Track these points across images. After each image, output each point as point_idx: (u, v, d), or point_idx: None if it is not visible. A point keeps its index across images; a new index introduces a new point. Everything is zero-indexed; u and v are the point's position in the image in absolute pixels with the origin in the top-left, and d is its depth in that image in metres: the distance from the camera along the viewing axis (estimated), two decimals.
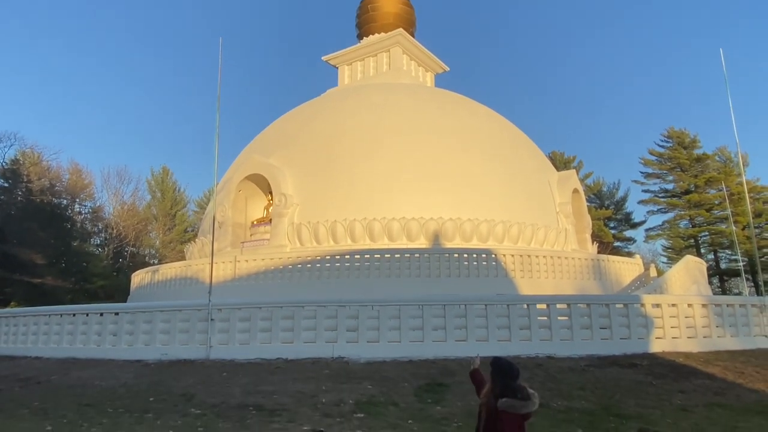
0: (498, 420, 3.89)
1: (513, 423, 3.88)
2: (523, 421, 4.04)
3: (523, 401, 3.90)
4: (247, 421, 8.53)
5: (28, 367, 13.53)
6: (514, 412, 3.90)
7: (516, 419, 3.89)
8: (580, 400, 9.59)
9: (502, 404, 3.86)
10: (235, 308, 13.78)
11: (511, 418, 3.90)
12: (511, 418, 3.89)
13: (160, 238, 63.60)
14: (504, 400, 3.88)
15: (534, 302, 13.62)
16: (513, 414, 3.87)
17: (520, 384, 4.09)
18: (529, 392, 4.01)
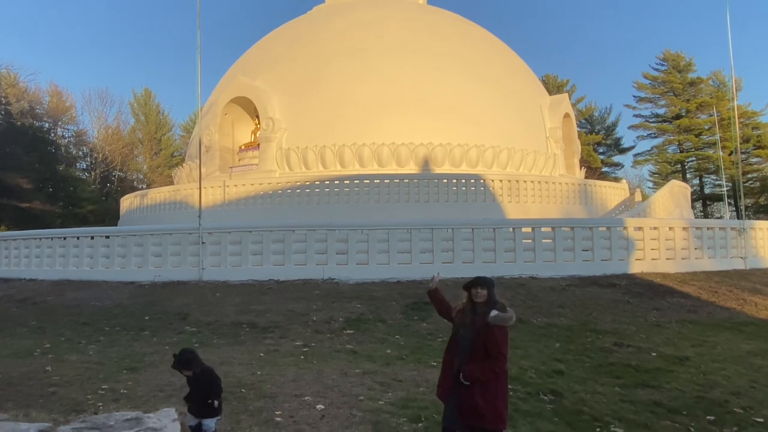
0: (489, 334, 3.82)
1: (505, 336, 3.90)
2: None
3: (509, 314, 3.98)
4: (241, 338, 8.90)
5: (22, 289, 13.79)
6: (504, 325, 3.93)
7: (506, 332, 3.95)
8: (559, 317, 10.06)
9: (493, 319, 3.83)
10: (225, 232, 13.93)
11: (502, 331, 3.90)
12: (503, 332, 3.90)
13: (147, 162, 62.90)
14: (494, 315, 3.84)
15: (519, 226, 13.89)
16: (503, 327, 3.93)
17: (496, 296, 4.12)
18: (504, 304, 4.08)
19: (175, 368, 4.35)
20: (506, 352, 3.89)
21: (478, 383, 3.85)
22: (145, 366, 7.12)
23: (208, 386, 4.24)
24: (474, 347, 3.91)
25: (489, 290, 3.96)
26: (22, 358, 7.59)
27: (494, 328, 3.82)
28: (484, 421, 3.87)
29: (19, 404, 5.48)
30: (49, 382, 6.32)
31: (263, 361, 7.38)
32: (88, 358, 7.57)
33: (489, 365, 3.82)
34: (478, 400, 3.85)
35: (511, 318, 3.92)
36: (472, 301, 3.99)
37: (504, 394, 3.98)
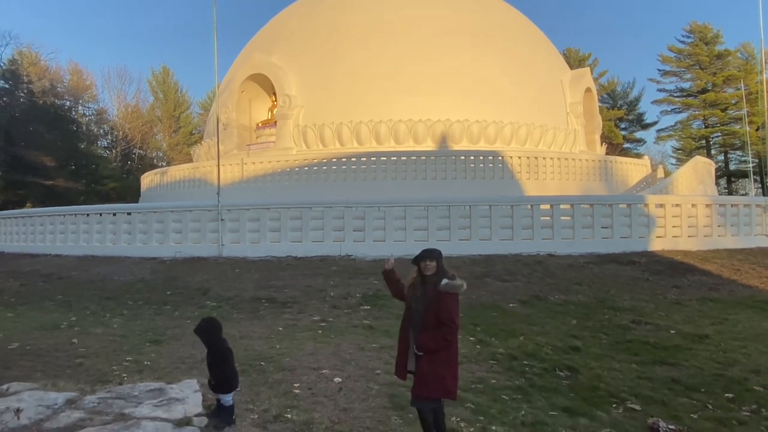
0: (441, 302, 3.78)
1: (455, 303, 3.85)
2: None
3: (459, 282, 3.91)
4: (260, 312, 9.05)
5: (48, 264, 14.16)
6: (455, 293, 3.88)
7: (456, 299, 3.90)
8: (576, 294, 10.01)
9: (445, 287, 3.79)
10: (243, 209, 14.07)
11: (453, 299, 3.86)
12: (453, 299, 3.86)
13: (167, 140, 63.50)
14: (445, 283, 3.80)
15: (538, 203, 13.77)
16: (453, 294, 3.89)
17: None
18: (454, 274, 4.01)
19: (195, 333, 4.45)
20: (457, 320, 3.86)
21: (427, 353, 3.84)
22: (168, 339, 7.30)
23: (215, 363, 4.31)
24: (426, 318, 3.90)
25: (438, 261, 3.95)
26: (49, 330, 7.83)
27: (445, 296, 3.81)
28: (428, 389, 3.88)
29: (47, 374, 5.67)
30: (76, 353, 6.52)
31: (282, 335, 7.51)
32: (112, 331, 7.78)
33: (441, 333, 3.79)
34: (425, 367, 3.86)
35: (461, 286, 3.90)
36: (422, 274, 3.97)
37: (452, 363, 3.93)
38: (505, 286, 10.49)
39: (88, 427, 4.01)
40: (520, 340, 7.23)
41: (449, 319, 3.78)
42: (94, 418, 4.23)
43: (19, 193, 43.09)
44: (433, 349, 3.83)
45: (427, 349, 3.85)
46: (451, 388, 3.94)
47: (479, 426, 4.58)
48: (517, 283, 10.66)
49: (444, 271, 3.93)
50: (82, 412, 4.38)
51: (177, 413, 4.33)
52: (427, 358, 3.85)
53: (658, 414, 4.93)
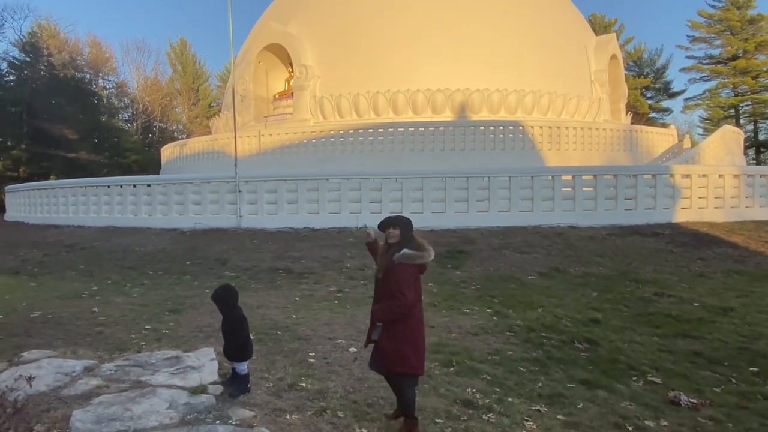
0: (393, 272, 3.66)
1: (407, 274, 3.67)
2: (419, 273, 3.84)
3: (419, 252, 3.72)
4: (277, 282, 9.08)
5: (71, 235, 14.40)
6: (410, 263, 3.70)
7: (411, 270, 3.71)
8: (597, 267, 9.83)
9: (399, 257, 3.64)
10: (261, 180, 14.05)
11: (406, 269, 3.68)
12: (406, 269, 3.68)
13: (186, 113, 63.75)
14: (400, 253, 3.65)
15: (559, 174, 13.47)
16: (408, 265, 3.70)
17: (413, 235, 3.83)
18: (422, 243, 3.85)
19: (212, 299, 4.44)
20: (408, 292, 3.64)
21: (386, 326, 3.72)
22: (186, 308, 7.36)
23: (230, 331, 4.29)
24: (381, 289, 3.82)
25: (402, 229, 3.78)
26: (70, 299, 7.97)
27: (398, 266, 3.67)
28: (388, 364, 3.77)
29: (67, 342, 5.76)
30: (96, 322, 6.61)
31: (298, 305, 7.52)
32: (132, 300, 7.88)
33: (389, 305, 3.67)
34: (383, 342, 3.74)
35: (420, 256, 3.72)
36: (387, 242, 3.84)
37: (412, 338, 3.76)
38: (523, 258, 10.34)
39: (105, 395, 4.05)
40: (538, 312, 7.13)
41: (398, 291, 3.64)
42: (110, 386, 4.27)
43: (43, 165, 43.84)
44: (382, 320, 3.73)
45: (378, 320, 3.76)
46: (414, 363, 3.77)
47: (495, 397, 4.52)
48: (536, 255, 10.50)
49: (410, 240, 3.75)
50: (99, 379, 4.43)
51: (192, 381, 4.35)
52: (386, 331, 3.74)
53: (680, 387, 4.81)
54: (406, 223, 3.85)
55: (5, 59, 43.33)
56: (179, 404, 3.91)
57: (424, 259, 3.75)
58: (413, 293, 3.68)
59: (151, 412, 3.77)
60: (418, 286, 3.79)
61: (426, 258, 3.76)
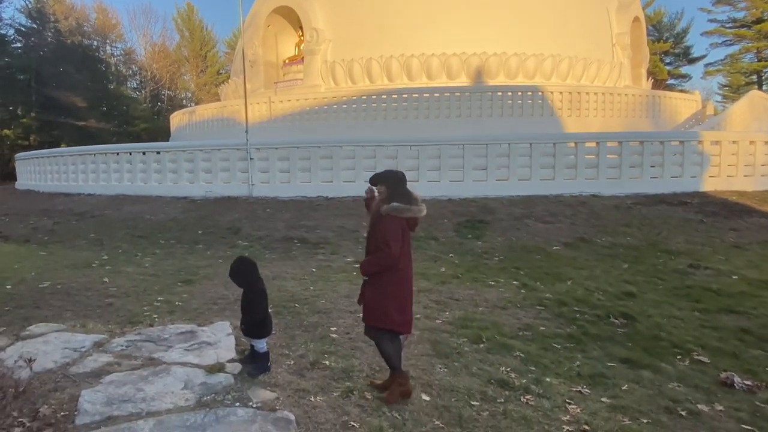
0: (379, 224, 3.56)
1: (394, 227, 3.53)
2: (407, 227, 3.66)
3: (407, 205, 3.56)
4: (293, 253, 8.78)
5: (82, 203, 14.18)
6: (397, 215, 3.54)
7: (397, 223, 3.56)
8: (625, 237, 9.42)
9: (386, 209, 3.53)
10: (273, 147, 13.65)
11: (392, 221, 3.55)
12: (392, 222, 3.54)
13: (194, 80, 63.07)
14: (387, 206, 3.54)
15: (582, 140, 12.93)
16: (395, 217, 3.54)
17: (407, 189, 3.67)
18: (416, 197, 3.66)
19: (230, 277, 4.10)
20: (393, 244, 3.51)
21: (372, 280, 3.67)
22: (200, 279, 7.09)
23: (248, 305, 3.97)
24: (368, 242, 3.78)
25: (388, 185, 3.65)
26: (80, 269, 7.73)
27: (385, 218, 3.54)
28: (370, 317, 3.71)
29: (77, 314, 5.51)
30: (107, 293, 6.36)
31: (316, 276, 7.22)
32: (144, 270, 7.62)
33: (376, 257, 3.60)
34: (367, 295, 3.71)
35: (407, 209, 3.55)
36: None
37: (396, 293, 3.64)
38: (547, 227, 9.94)
39: (116, 373, 3.78)
40: (568, 284, 6.77)
41: (384, 242, 3.53)
42: (122, 362, 4.00)
43: (54, 134, 43.67)
44: (368, 274, 3.69)
45: (365, 273, 3.72)
46: (397, 319, 3.66)
47: (531, 377, 4.21)
48: (559, 224, 10.10)
49: (399, 194, 3.60)
50: (109, 355, 4.16)
51: (209, 358, 4.07)
52: (371, 285, 3.70)
53: (730, 368, 4.47)
54: (392, 178, 3.72)
55: (12, 26, 42.71)
56: (195, 384, 3.63)
57: (412, 213, 3.59)
58: (399, 246, 3.56)
59: (165, 392, 3.48)
60: (406, 240, 3.67)
61: (415, 212, 3.62)
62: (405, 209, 3.57)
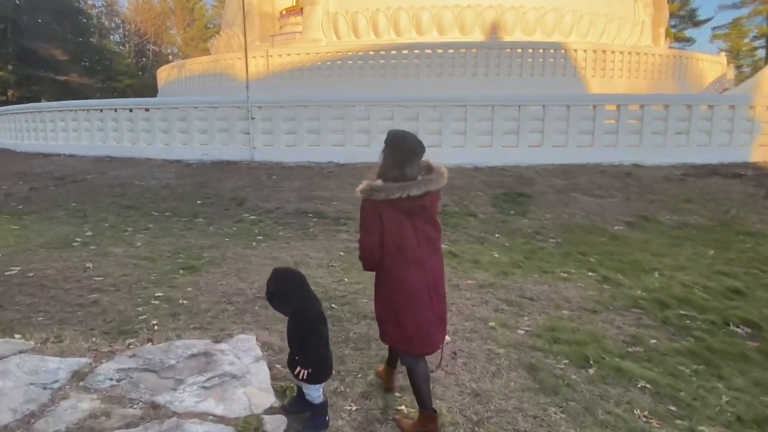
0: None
1: (366, 213, 2.63)
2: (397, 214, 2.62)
3: (384, 183, 2.60)
4: (311, 230, 7.49)
5: (62, 165, 12.68)
6: (367, 198, 2.61)
7: (371, 208, 2.61)
8: (690, 215, 8.23)
9: (359, 188, 2.64)
10: (277, 106, 12.15)
11: (365, 205, 2.64)
12: (365, 207, 2.64)
13: (181, 34, 60.27)
14: (362, 184, 2.64)
15: (626, 103, 11.57)
16: (369, 201, 2.61)
17: (405, 161, 2.64)
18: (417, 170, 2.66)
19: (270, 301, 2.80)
20: (365, 236, 2.65)
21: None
22: (205, 264, 5.81)
23: (299, 341, 2.71)
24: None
25: (385, 151, 2.75)
26: (58, 249, 6.40)
27: (362, 204, 2.67)
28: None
29: (51, 317, 4.24)
30: (90, 285, 5.07)
31: (345, 262, 5.96)
32: (135, 252, 6.32)
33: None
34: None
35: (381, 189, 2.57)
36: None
37: (386, 299, 2.76)
38: (598, 202, 8.72)
39: None
40: (656, 277, 5.60)
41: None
42: (112, 412, 2.75)
43: (33, 89, 41.37)
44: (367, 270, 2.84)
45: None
46: (396, 337, 2.78)
47: (682, 425, 3.05)
48: (612, 199, 8.88)
49: (390, 167, 2.65)
50: (93, 396, 2.91)
51: (238, 405, 2.84)
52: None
53: None
54: (391, 142, 2.73)
55: None
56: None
57: (387, 193, 2.57)
58: (374, 239, 2.64)
59: None
60: (404, 232, 2.66)
61: (392, 191, 2.58)
62: (376, 189, 2.58)
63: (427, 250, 2.74)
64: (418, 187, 2.61)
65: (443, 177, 2.74)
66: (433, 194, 2.70)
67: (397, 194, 2.58)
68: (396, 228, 2.63)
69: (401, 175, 2.63)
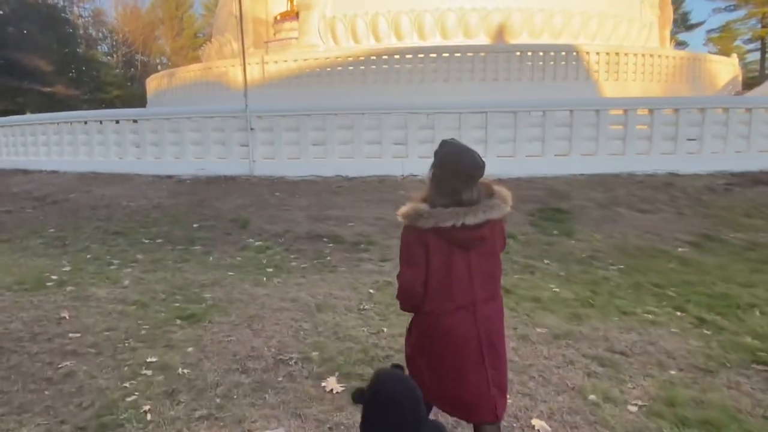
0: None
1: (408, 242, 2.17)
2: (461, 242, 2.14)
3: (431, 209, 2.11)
4: (327, 258, 6.44)
5: (43, 183, 11.56)
6: (409, 224, 2.16)
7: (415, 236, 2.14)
8: (755, 232, 7.27)
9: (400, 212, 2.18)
10: (278, 115, 11.14)
11: (407, 234, 2.17)
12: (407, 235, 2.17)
13: (170, 44, 59.26)
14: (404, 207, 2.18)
15: (659, 107, 10.67)
16: (411, 228, 2.15)
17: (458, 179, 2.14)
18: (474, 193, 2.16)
19: None
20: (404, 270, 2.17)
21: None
22: (208, 310, 4.75)
23: None
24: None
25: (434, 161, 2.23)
26: (29, 291, 5.31)
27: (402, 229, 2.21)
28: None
29: (8, 402, 3.17)
30: (64, 345, 4.00)
31: (378, 302, 4.92)
32: (122, 294, 5.24)
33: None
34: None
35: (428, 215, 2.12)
36: None
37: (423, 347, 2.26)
38: (648, 218, 7.76)
39: None
40: (758, 316, 4.60)
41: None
42: None
43: (18, 101, 40.14)
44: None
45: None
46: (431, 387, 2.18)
47: None
48: (662, 214, 7.92)
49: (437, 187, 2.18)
50: None
51: None
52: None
53: None
54: (439, 155, 2.21)
55: None
56: None
57: (436, 221, 2.09)
58: (417, 274, 2.15)
59: None
60: (452, 270, 2.16)
61: (442, 219, 2.10)
62: (423, 214, 2.12)
63: (483, 294, 2.22)
64: (476, 215, 2.13)
65: (507, 202, 2.23)
66: (494, 223, 2.20)
67: (450, 222, 2.10)
68: (443, 263, 2.14)
69: (453, 197, 2.13)
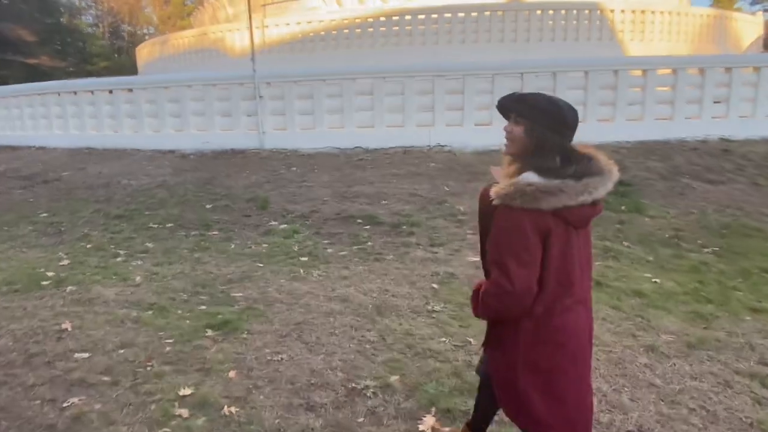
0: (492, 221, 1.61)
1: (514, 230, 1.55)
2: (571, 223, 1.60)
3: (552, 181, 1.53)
4: (368, 243, 5.54)
5: (32, 160, 10.51)
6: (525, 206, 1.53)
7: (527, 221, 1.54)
8: None
9: (499, 191, 1.57)
10: (290, 81, 10.06)
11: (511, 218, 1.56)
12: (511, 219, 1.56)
13: (157, 12, 57.12)
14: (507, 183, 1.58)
15: (710, 65, 9.66)
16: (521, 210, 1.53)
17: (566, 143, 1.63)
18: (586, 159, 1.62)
19: None
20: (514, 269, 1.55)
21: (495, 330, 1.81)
22: (242, 315, 3.87)
23: None
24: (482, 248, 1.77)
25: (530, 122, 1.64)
26: (21, 293, 4.39)
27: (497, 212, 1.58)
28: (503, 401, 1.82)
29: None
30: (68, 370, 3.11)
31: (448, 301, 4.05)
32: (134, 294, 4.34)
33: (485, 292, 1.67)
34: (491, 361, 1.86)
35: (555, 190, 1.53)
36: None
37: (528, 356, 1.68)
38: (721, 191, 6.89)
39: None
40: None
41: (495, 263, 1.61)
42: None
43: (1, 73, 38.44)
44: (487, 318, 1.79)
45: (475, 313, 1.78)
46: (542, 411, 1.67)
47: None
48: (736, 185, 7.05)
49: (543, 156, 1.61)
50: None
51: None
52: (493, 339, 1.82)
53: None
54: (537, 111, 1.65)
55: None
56: None
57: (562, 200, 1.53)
58: (530, 271, 1.58)
59: None
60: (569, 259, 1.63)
61: (572, 194, 1.55)
62: (547, 190, 1.52)
63: (589, 283, 1.80)
64: (605, 185, 1.63)
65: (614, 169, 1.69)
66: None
67: (581, 198, 1.56)
68: (561, 252, 1.62)
69: (565, 168, 1.60)
